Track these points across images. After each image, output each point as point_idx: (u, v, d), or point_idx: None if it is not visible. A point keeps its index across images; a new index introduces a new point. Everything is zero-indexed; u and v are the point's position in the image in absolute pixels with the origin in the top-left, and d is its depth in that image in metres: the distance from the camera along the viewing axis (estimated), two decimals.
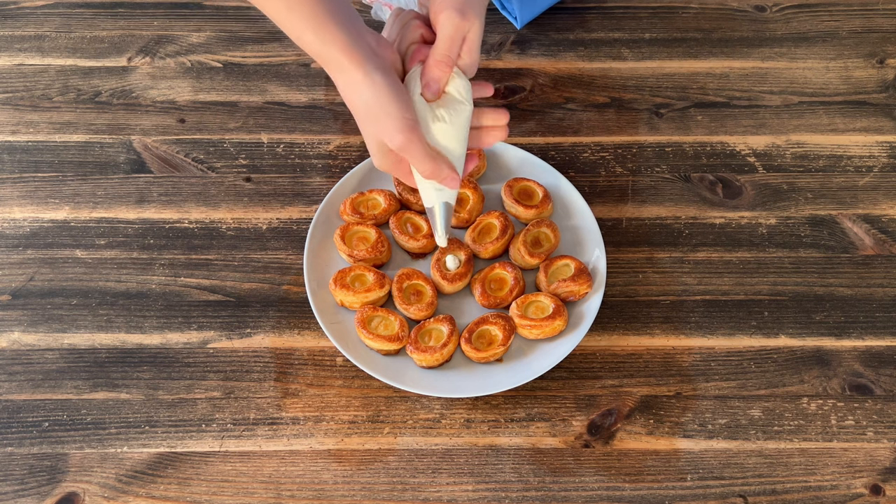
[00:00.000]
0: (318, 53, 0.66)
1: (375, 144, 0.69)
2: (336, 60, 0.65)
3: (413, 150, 0.67)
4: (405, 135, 0.66)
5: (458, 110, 0.69)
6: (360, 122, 0.68)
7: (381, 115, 0.66)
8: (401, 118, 0.66)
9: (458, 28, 0.67)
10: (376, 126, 0.67)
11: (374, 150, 0.70)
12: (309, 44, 0.65)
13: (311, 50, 0.66)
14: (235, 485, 0.72)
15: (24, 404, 0.76)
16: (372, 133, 0.68)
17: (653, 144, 0.93)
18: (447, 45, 0.68)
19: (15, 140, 0.93)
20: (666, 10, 1.06)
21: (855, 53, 1.02)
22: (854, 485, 0.72)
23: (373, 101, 0.66)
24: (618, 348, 0.80)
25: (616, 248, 0.86)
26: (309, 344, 0.80)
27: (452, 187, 0.71)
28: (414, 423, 0.75)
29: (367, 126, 0.68)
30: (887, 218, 0.88)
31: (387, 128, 0.66)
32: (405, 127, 0.66)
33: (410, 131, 0.66)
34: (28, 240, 0.86)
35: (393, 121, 0.66)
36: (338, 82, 0.67)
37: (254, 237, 0.86)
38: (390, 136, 0.66)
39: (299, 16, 0.64)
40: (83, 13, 1.05)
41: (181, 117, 0.95)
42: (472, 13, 0.67)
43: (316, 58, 0.66)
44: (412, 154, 0.68)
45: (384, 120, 0.66)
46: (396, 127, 0.66)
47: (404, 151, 0.67)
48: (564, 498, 0.72)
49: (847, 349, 0.80)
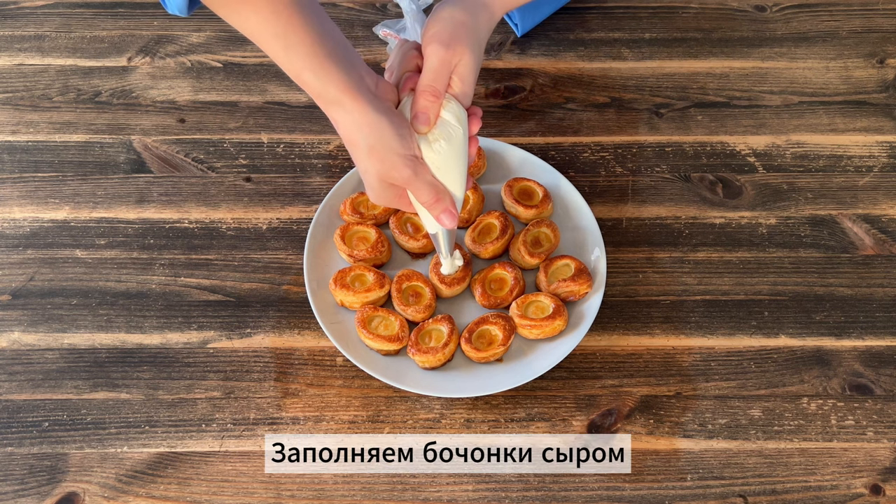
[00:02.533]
0: (317, 93, 0.66)
1: (376, 180, 0.70)
2: (336, 100, 0.66)
3: (419, 184, 0.69)
4: (412, 169, 0.68)
5: (453, 135, 0.70)
6: (361, 159, 0.69)
7: (385, 153, 0.67)
8: (405, 154, 0.67)
9: (443, 60, 0.68)
10: (381, 164, 0.68)
11: (373, 185, 0.71)
12: (308, 83, 0.65)
13: (311, 89, 0.66)
14: (235, 485, 0.72)
15: (24, 404, 0.76)
16: (375, 170, 0.69)
17: (653, 144, 0.93)
18: (431, 76, 0.69)
19: (15, 140, 0.93)
20: (666, 10, 1.06)
21: (855, 53, 1.02)
22: (854, 485, 0.72)
23: (375, 139, 0.66)
24: (618, 348, 0.80)
25: (616, 248, 0.86)
26: (309, 344, 0.80)
27: (447, 225, 0.72)
28: (414, 423, 0.75)
29: (370, 163, 0.68)
30: (887, 218, 0.88)
31: (394, 164, 0.67)
32: (411, 162, 0.68)
33: (417, 165, 0.68)
34: (28, 240, 0.86)
35: (398, 157, 0.67)
36: (337, 121, 0.68)
37: (254, 237, 0.86)
38: (399, 171, 0.68)
39: (297, 55, 0.64)
40: (83, 13, 1.05)
41: (181, 117, 0.95)
42: (459, 46, 0.69)
43: (315, 97, 0.67)
44: (418, 187, 0.69)
45: (389, 157, 0.67)
46: (403, 163, 0.67)
47: (410, 184, 0.69)
48: (564, 498, 0.72)
49: (847, 349, 0.80)
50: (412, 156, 0.68)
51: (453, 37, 0.69)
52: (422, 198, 0.70)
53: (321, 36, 0.64)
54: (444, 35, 0.69)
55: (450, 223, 0.72)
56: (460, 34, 0.69)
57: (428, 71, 0.69)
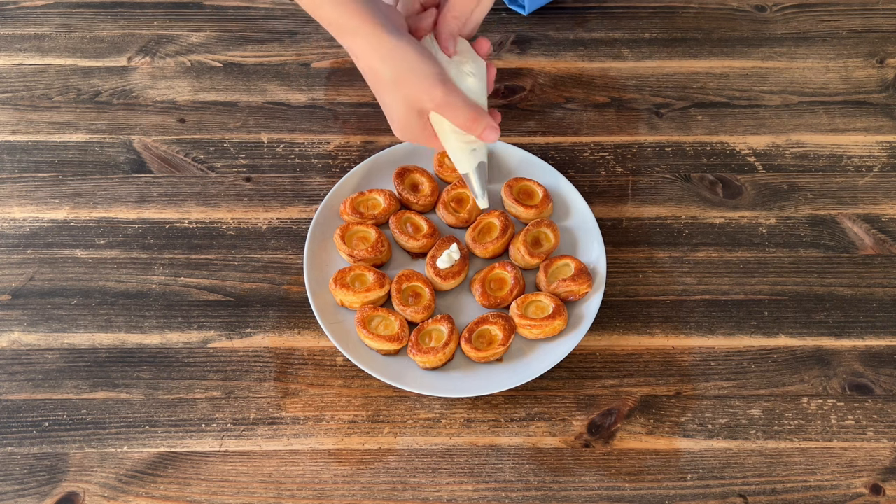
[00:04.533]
0: (337, 25, 0.65)
1: (403, 110, 0.68)
2: (356, 30, 0.64)
3: (454, 101, 0.67)
4: (445, 87, 0.66)
5: (480, 64, 0.70)
6: (385, 88, 0.67)
7: (412, 77, 0.65)
8: (435, 73, 0.66)
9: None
10: (408, 88, 0.66)
11: (399, 116, 0.69)
12: (328, 16, 0.64)
13: (330, 21, 0.65)
14: (235, 485, 0.72)
15: (24, 404, 0.76)
16: (401, 97, 0.67)
17: (653, 144, 0.93)
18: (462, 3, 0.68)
19: (15, 140, 0.93)
20: (666, 10, 1.06)
21: (855, 53, 1.02)
22: (854, 484, 0.72)
23: (402, 63, 0.65)
24: (618, 348, 0.80)
25: (616, 248, 0.86)
26: (309, 344, 0.80)
27: (492, 139, 0.70)
28: (414, 423, 0.75)
29: (396, 91, 0.66)
30: (887, 218, 0.88)
31: (423, 86, 0.66)
32: (441, 81, 0.66)
33: (448, 83, 0.66)
34: (28, 240, 0.86)
35: (428, 78, 0.66)
36: (358, 54, 0.66)
37: (254, 237, 0.86)
38: (429, 94, 0.66)
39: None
40: (83, 13, 1.05)
41: (181, 117, 0.95)
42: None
43: (335, 30, 0.65)
44: (453, 105, 0.67)
45: (418, 80, 0.65)
46: (433, 83, 0.66)
47: (445, 105, 0.67)
48: (564, 498, 0.72)
49: (847, 349, 0.80)
50: (443, 74, 0.66)
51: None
52: (459, 118, 0.68)
53: None
54: None
55: (494, 136, 0.70)
56: None
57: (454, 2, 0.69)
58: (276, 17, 1.04)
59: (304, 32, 1.03)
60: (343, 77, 0.99)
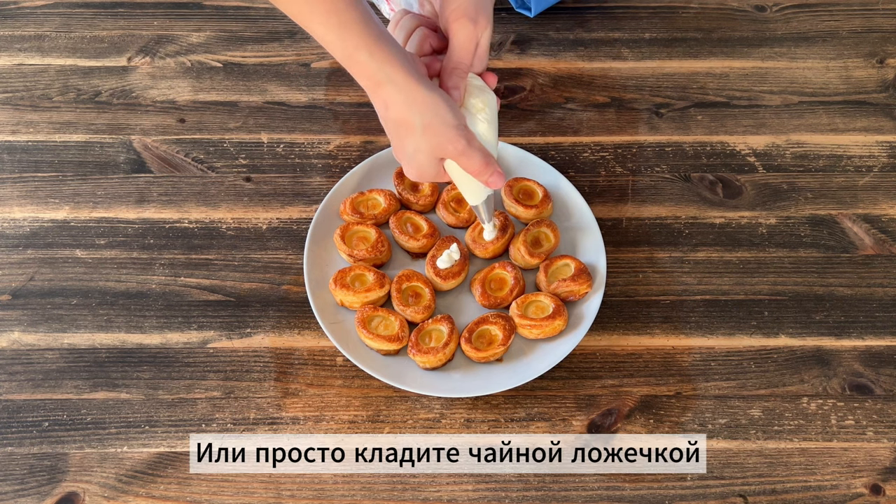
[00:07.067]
0: (370, 73, 0.66)
1: (428, 157, 0.70)
2: (389, 79, 0.66)
3: (471, 153, 0.69)
4: (467, 137, 0.68)
5: (490, 99, 0.72)
6: (414, 138, 0.68)
7: (441, 127, 0.67)
8: (460, 125, 0.68)
9: (471, 36, 0.69)
10: (436, 137, 0.68)
11: (423, 162, 0.71)
12: (362, 63, 0.65)
13: (363, 69, 0.66)
14: (235, 485, 0.72)
15: (24, 404, 0.76)
16: (428, 146, 0.69)
17: (653, 144, 0.93)
18: (461, 53, 0.70)
19: (15, 140, 0.93)
20: (666, 10, 1.06)
21: (855, 53, 1.02)
22: (854, 484, 0.72)
23: (431, 115, 0.67)
24: (618, 348, 0.80)
25: (616, 248, 0.86)
26: (309, 344, 0.80)
27: (499, 186, 0.72)
28: (414, 423, 0.75)
29: (423, 141, 0.68)
30: (887, 218, 0.88)
31: (448, 136, 0.68)
32: (465, 131, 0.68)
33: (469, 133, 0.69)
34: (28, 240, 0.86)
35: (453, 129, 0.68)
36: (388, 103, 0.67)
37: (254, 237, 0.86)
38: (453, 144, 0.68)
39: (351, 33, 0.64)
40: (83, 13, 1.05)
41: (181, 117, 0.95)
42: (483, 19, 0.69)
43: (366, 77, 0.66)
44: (470, 156, 0.69)
45: (445, 129, 0.67)
46: (458, 134, 0.68)
47: (463, 154, 0.69)
48: (564, 498, 0.72)
49: (847, 349, 0.80)
50: (465, 127, 0.68)
51: (478, 10, 0.69)
52: (473, 166, 0.70)
53: (370, 14, 0.65)
54: (471, 10, 0.69)
55: (501, 182, 0.72)
56: (483, 4, 0.69)
57: (457, 48, 0.70)
58: (276, 17, 1.04)
59: (304, 32, 1.02)
60: (343, 77, 0.99)
